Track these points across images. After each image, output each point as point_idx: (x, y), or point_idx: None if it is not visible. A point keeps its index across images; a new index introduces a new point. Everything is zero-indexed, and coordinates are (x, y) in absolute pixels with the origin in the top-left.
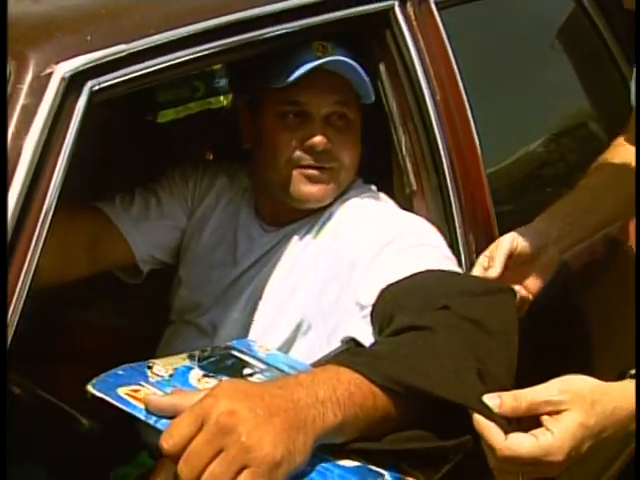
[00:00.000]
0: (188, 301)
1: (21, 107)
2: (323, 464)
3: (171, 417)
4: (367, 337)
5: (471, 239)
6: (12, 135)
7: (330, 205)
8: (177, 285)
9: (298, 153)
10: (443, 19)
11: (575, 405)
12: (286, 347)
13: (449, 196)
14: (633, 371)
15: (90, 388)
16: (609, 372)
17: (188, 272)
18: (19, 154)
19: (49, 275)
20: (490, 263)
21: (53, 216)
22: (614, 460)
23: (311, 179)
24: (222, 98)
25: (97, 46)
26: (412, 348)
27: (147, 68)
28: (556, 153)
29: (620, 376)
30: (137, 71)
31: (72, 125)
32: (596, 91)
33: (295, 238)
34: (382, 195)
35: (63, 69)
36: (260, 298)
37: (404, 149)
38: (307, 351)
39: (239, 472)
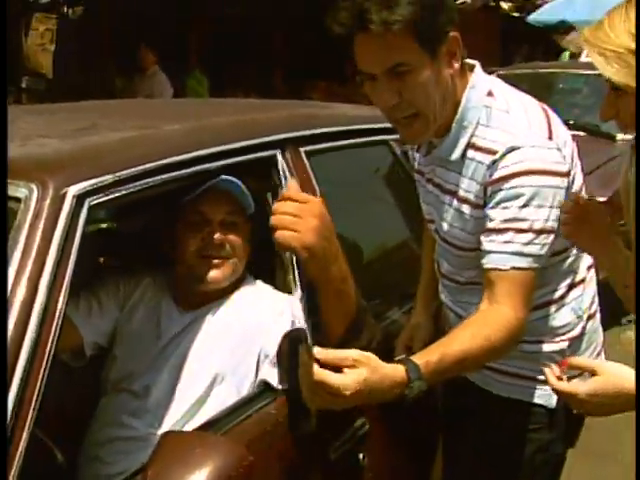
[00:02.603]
0: (122, 372)
1: (46, 215)
2: None
3: None
4: (274, 377)
5: None
6: (42, 233)
7: (230, 293)
8: (112, 361)
9: (204, 247)
10: (311, 162)
11: (364, 366)
12: (205, 395)
13: None
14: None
15: None
16: None
17: (122, 349)
18: (49, 243)
19: None
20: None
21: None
22: None
23: (213, 266)
24: None
25: (93, 175)
26: None
27: (125, 191)
28: (391, 259)
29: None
30: (119, 192)
31: (79, 228)
32: (410, 226)
33: (206, 316)
34: (267, 286)
35: (73, 191)
36: (184, 361)
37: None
38: (222, 397)
39: None
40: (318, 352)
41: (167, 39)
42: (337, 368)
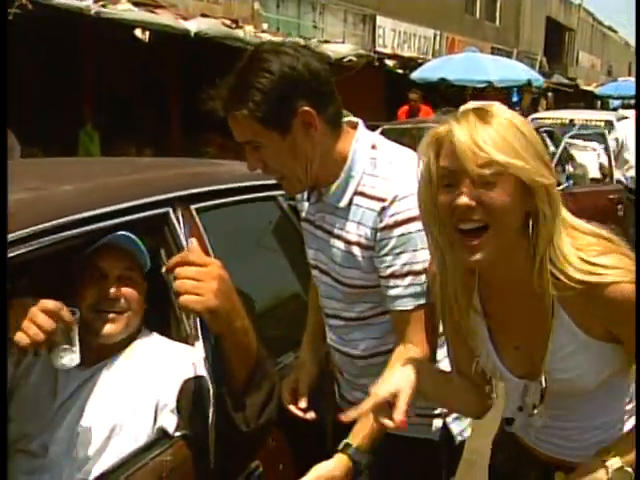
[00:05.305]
0: (17, 434)
1: None
2: None
3: None
4: (172, 425)
5: None
6: None
7: (126, 346)
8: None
9: (99, 302)
10: (201, 218)
11: None
12: (104, 447)
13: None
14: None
15: None
16: None
17: (17, 409)
18: None
19: None
20: None
21: None
22: None
23: (108, 320)
24: None
25: None
26: None
27: (20, 250)
28: (281, 308)
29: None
30: (13, 252)
31: None
32: (300, 265)
33: (103, 371)
34: (163, 337)
35: None
36: (81, 417)
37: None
38: (120, 447)
39: None
40: None
41: (64, 90)
42: None
